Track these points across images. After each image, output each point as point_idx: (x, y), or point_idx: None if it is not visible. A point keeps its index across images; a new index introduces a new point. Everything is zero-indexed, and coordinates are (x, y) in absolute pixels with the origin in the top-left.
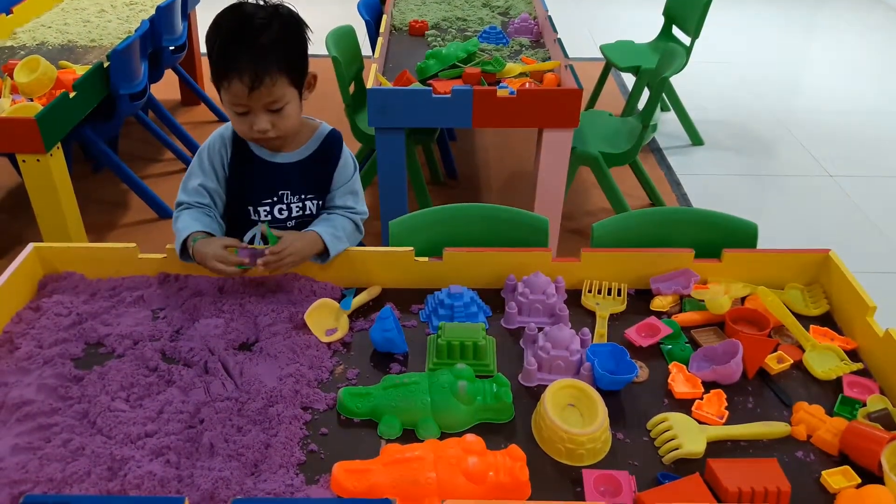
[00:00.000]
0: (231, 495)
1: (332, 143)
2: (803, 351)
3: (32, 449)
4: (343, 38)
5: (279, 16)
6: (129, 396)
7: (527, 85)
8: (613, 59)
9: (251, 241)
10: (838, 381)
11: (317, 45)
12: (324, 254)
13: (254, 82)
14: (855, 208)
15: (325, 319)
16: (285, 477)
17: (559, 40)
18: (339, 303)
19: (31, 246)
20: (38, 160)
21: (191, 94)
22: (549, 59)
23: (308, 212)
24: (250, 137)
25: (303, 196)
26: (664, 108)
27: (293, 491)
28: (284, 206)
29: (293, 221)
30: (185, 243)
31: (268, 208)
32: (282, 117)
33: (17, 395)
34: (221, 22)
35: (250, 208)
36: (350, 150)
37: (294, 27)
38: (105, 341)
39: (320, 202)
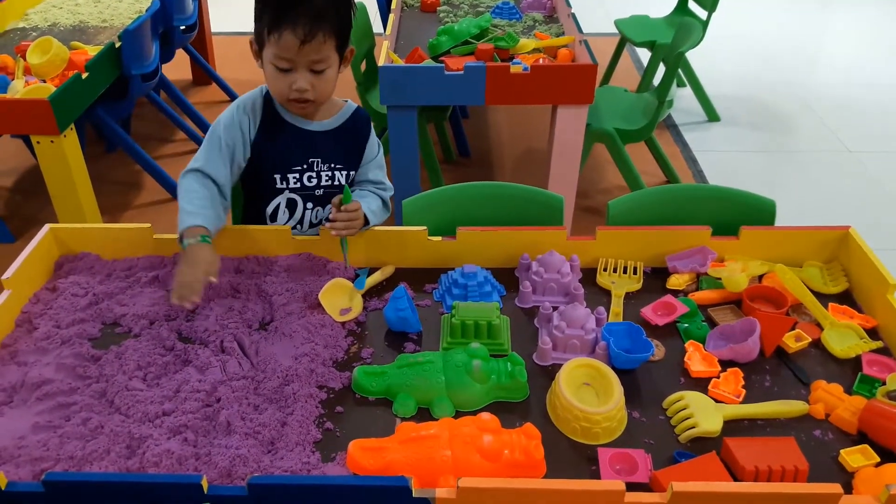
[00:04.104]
0: (248, 473)
1: (360, 117)
2: (821, 329)
3: (53, 427)
4: None
5: None
6: (146, 376)
7: (540, 61)
8: (628, 34)
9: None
10: (857, 359)
11: None
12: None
13: (306, 36)
14: (875, 184)
15: (340, 299)
16: (301, 455)
17: (573, 15)
18: (352, 282)
19: (46, 227)
20: (51, 141)
21: (202, 73)
22: (563, 34)
23: (336, 182)
24: (287, 98)
25: (332, 165)
26: (680, 84)
27: (309, 468)
28: (314, 174)
29: (321, 190)
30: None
31: (297, 175)
32: (322, 80)
33: (36, 375)
34: None
35: (277, 176)
36: None
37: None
38: (121, 321)
39: (348, 174)
